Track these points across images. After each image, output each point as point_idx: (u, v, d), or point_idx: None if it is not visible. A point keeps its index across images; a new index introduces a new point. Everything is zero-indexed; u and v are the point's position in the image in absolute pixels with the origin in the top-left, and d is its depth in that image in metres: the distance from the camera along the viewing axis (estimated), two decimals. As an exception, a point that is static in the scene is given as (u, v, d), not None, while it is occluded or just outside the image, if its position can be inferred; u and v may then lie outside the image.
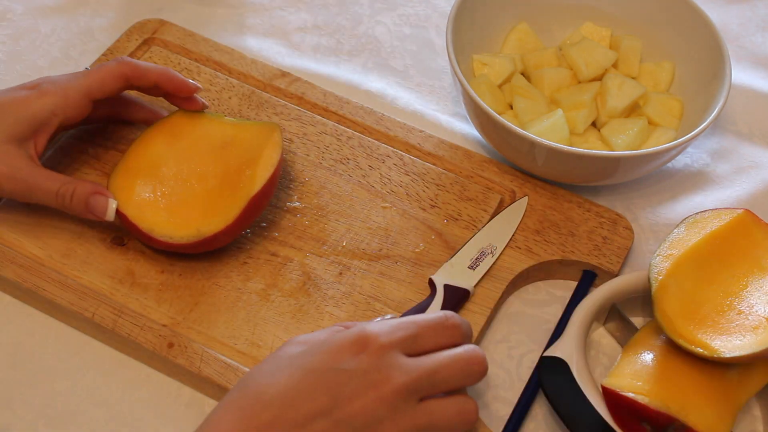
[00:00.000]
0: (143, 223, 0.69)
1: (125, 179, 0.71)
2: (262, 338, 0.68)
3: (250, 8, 0.93)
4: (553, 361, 0.66)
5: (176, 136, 0.73)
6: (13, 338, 0.69)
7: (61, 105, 0.70)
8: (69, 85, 0.70)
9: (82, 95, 0.70)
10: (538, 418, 0.69)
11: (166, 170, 0.72)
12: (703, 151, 0.85)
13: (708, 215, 0.70)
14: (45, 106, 0.69)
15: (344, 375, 0.56)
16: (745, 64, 0.92)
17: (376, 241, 0.74)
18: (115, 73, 0.71)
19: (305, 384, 0.56)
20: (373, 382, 0.56)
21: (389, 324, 0.59)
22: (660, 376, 0.64)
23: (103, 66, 0.72)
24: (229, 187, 0.71)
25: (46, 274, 0.70)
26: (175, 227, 0.69)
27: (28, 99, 0.69)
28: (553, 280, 0.76)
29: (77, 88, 0.70)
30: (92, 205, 0.68)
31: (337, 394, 0.56)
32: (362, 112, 0.82)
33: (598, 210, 0.77)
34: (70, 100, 0.70)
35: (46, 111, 0.69)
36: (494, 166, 0.79)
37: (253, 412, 0.55)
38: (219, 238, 0.69)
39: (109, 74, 0.71)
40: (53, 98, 0.69)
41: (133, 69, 0.72)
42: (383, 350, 0.57)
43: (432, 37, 0.93)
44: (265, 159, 0.71)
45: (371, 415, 0.56)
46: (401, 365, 0.57)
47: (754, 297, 0.66)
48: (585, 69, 0.82)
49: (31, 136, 0.69)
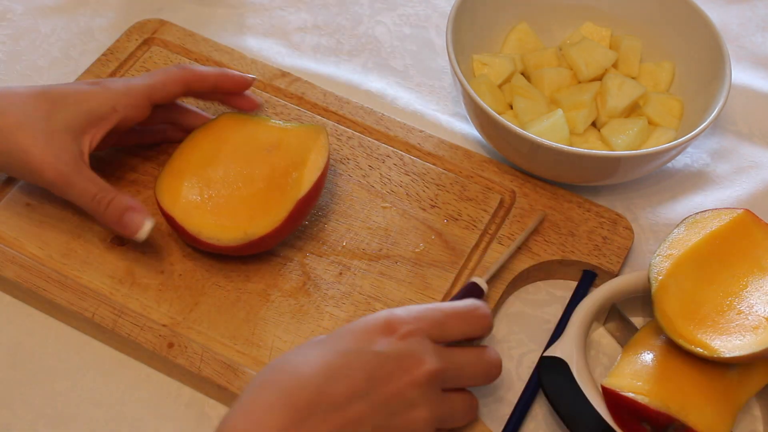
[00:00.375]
0: (190, 225, 0.69)
1: (172, 181, 0.71)
2: (262, 338, 0.68)
3: (250, 8, 0.93)
4: (553, 361, 0.66)
5: (223, 139, 0.73)
6: (13, 338, 0.69)
7: (123, 102, 0.69)
8: (131, 84, 0.70)
9: (143, 96, 0.70)
10: (538, 418, 0.69)
11: (213, 172, 0.72)
12: (703, 151, 0.85)
13: (708, 215, 0.70)
14: (106, 101, 0.69)
15: (378, 357, 0.57)
16: (745, 64, 0.92)
17: (376, 241, 0.74)
18: (177, 78, 0.72)
19: (340, 364, 0.56)
20: (406, 365, 0.57)
21: (417, 309, 0.60)
22: (660, 376, 0.64)
23: (165, 70, 0.72)
24: (277, 189, 0.71)
25: (46, 274, 0.70)
26: (222, 230, 0.69)
27: (90, 92, 0.69)
28: (553, 280, 0.76)
29: (139, 88, 0.70)
30: (126, 220, 0.67)
31: (372, 376, 0.56)
32: (362, 112, 0.82)
33: (598, 210, 0.77)
34: (131, 99, 0.70)
35: (107, 106, 0.69)
36: (494, 166, 0.79)
37: (291, 391, 0.55)
38: (266, 240, 0.69)
39: (170, 78, 0.71)
40: (115, 94, 0.69)
41: (193, 74, 0.72)
42: (412, 335, 0.58)
43: (432, 37, 0.93)
44: (312, 162, 0.71)
45: (405, 398, 0.56)
46: (432, 351, 0.58)
47: (754, 297, 0.66)
48: (585, 69, 0.82)
49: (88, 129, 0.69)
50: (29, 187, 0.74)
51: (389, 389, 0.56)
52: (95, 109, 0.69)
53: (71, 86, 0.70)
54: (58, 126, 0.67)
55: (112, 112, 0.69)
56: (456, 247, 0.74)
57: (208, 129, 0.74)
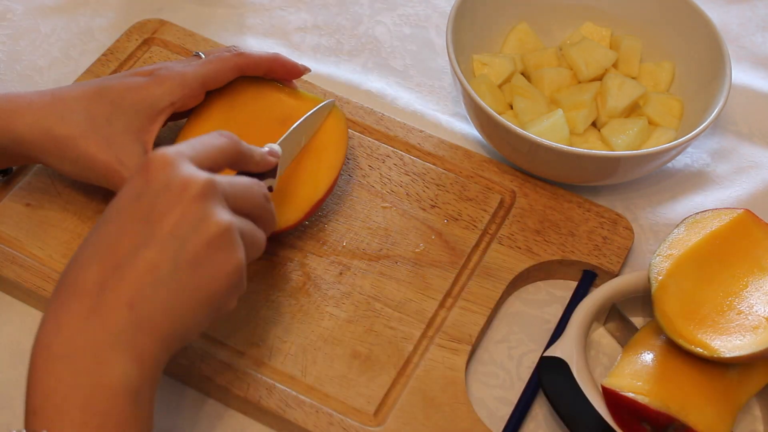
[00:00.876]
0: None
1: None
2: (262, 338, 0.68)
3: (250, 8, 0.93)
4: (553, 361, 0.66)
5: (235, 108, 0.72)
6: (13, 338, 0.69)
7: (179, 94, 0.69)
8: (186, 72, 0.69)
9: (199, 84, 0.70)
10: (538, 418, 0.69)
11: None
12: (703, 151, 0.85)
13: (708, 215, 0.70)
14: (164, 95, 0.68)
15: (143, 197, 0.53)
16: (745, 64, 0.92)
17: (376, 241, 0.74)
18: (231, 65, 0.71)
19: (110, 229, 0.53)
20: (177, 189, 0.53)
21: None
22: (660, 376, 0.64)
23: (219, 57, 0.71)
24: (290, 181, 0.70)
25: (46, 274, 0.70)
26: None
27: (147, 87, 0.68)
28: (553, 280, 0.76)
29: (195, 76, 0.69)
30: None
31: (146, 218, 0.53)
32: (362, 112, 0.82)
33: (598, 210, 0.77)
34: (187, 89, 0.69)
35: (165, 100, 0.68)
36: (494, 166, 0.79)
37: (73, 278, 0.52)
38: (284, 231, 0.70)
39: (226, 65, 0.71)
40: (172, 86, 0.68)
41: (247, 60, 0.71)
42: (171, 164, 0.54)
43: (432, 37, 0.93)
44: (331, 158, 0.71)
45: (191, 217, 0.53)
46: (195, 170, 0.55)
47: (754, 297, 0.66)
48: (585, 69, 0.82)
49: (148, 127, 0.68)
50: (29, 186, 0.74)
51: (169, 220, 0.53)
52: (153, 105, 0.68)
53: (126, 82, 0.69)
54: (120, 129, 0.67)
55: (170, 105, 0.69)
56: (456, 247, 0.74)
57: (219, 97, 0.73)
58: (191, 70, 0.70)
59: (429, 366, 0.68)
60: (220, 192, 0.55)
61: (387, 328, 0.69)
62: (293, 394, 0.65)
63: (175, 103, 0.69)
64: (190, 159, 0.56)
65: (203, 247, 0.53)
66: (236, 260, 0.55)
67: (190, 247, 0.53)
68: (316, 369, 0.67)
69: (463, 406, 0.66)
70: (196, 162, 0.56)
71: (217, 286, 0.54)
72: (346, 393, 0.66)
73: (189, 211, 0.53)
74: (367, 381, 0.67)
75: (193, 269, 0.53)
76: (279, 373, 0.67)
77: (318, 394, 0.66)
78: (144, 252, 0.52)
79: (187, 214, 0.53)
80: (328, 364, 0.67)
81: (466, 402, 0.66)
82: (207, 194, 0.54)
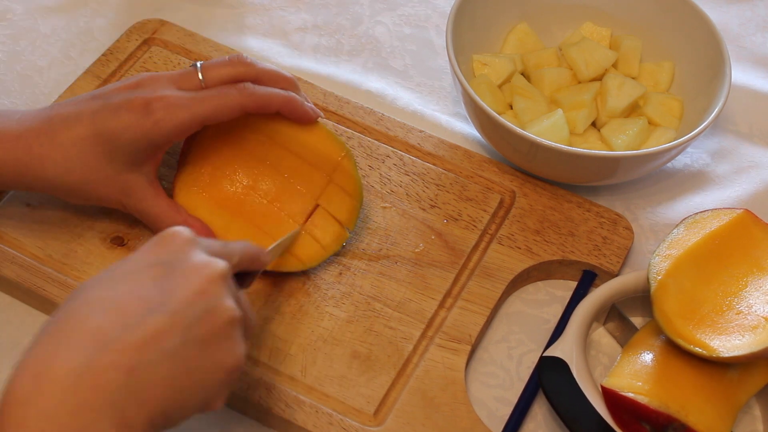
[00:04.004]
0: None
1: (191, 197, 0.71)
2: (262, 338, 0.68)
3: (250, 8, 0.93)
4: (553, 361, 0.66)
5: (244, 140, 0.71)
6: (13, 338, 0.69)
7: (176, 132, 0.66)
8: (182, 106, 0.65)
9: (197, 123, 0.66)
10: (538, 418, 0.69)
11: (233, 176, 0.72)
12: (703, 151, 0.85)
13: (708, 215, 0.70)
14: (161, 133, 0.65)
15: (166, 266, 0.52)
16: (745, 64, 0.92)
17: (376, 241, 0.74)
18: (235, 106, 0.66)
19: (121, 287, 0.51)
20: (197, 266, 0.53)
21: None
22: (660, 376, 0.64)
23: (224, 94, 0.66)
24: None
25: (46, 274, 0.70)
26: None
27: (142, 125, 0.65)
28: (553, 280, 0.76)
29: (191, 114, 0.66)
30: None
31: (163, 285, 0.51)
32: (362, 112, 0.82)
33: (598, 210, 0.77)
34: (185, 128, 0.66)
35: (162, 138, 0.66)
36: (494, 166, 0.79)
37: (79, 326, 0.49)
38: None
39: (226, 105, 0.66)
40: (168, 125, 0.65)
41: (255, 102, 0.67)
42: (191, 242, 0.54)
43: (432, 37, 0.93)
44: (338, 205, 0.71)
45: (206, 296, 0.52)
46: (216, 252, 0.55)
47: (754, 297, 0.66)
48: (585, 69, 0.82)
49: (147, 161, 0.67)
50: (29, 187, 0.74)
51: (185, 291, 0.51)
52: (151, 143, 0.66)
53: (122, 122, 0.65)
54: (122, 166, 0.67)
55: (167, 142, 0.67)
56: (456, 247, 0.74)
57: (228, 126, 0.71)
58: (189, 107, 0.66)
59: (429, 366, 0.68)
60: (234, 287, 0.55)
61: (387, 328, 0.69)
62: (293, 394, 0.65)
63: (172, 140, 0.67)
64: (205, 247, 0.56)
65: (214, 330, 0.52)
66: (240, 355, 0.54)
67: (203, 325, 0.51)
68: (316, 369, 0.67)
69: (463, 406, 0.66)
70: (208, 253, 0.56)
71: (217, 376, 0.53)
72: (346, 393, 0.66)
73: (207, 290, 0.52)
74: (366, 381, 0.67)
75: (200, 349, 0.51)
76: (279, 373, 0.67)
77: (318, 394, 0.66)
78: (154, 318, 0.50)
79: (205, 292, 0.52)
80: (328, 364, 0.67)
81: (465, 402, 0.66)
82: (225, 280, 0.54)
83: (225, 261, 0.55)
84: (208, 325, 0.52)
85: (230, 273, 0.55)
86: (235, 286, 0.56)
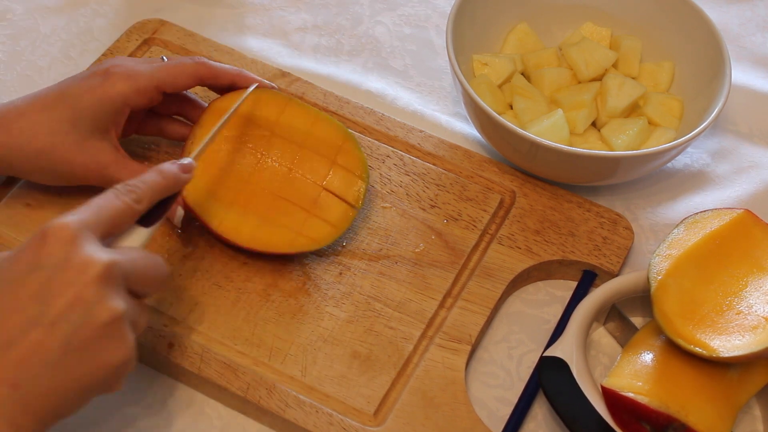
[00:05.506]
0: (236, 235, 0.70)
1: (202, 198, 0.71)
2: (262, 338, 0.68)
3: (250, 8, 0.93)
4: (553, 361, 0.66)
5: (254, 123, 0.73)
6: (12, 338, 0.69)
7: (132, 92, 0.69)
8: (140, 73, 0.70)
9: (153, 85, 0.70)
10: (538, 418, 0.69)
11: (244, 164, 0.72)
12: (703, 151, 0.85)
13: (708, 215, 0.70)
14: (118, 96, 0.69)
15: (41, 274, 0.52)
16: (745, 64, 0.92)
17: (376, 241, 0.74)
18: (189, 71, 0.71)
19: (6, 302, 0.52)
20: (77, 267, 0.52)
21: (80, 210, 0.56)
22: (660, 376, 0.64)
23: (178, 62, 0.72)
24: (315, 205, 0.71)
25: (46, 274, 0.70)
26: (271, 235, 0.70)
27: (101, 87, 0.69)
28: (553, 280, 0.76)
29: (148, 77, 0.70)
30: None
31: (38, 295, 0.51)
32: (362, 112, 0.82)
33: (598, 210, 0.77)
34: (141, 88, 0.69)
35: (119, 102, 0.69)
36: (494, 166, 0.79)
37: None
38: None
39: (182, 71, 0.71)
40: (124, 85, 0.69)
41: (208, 70, 0.72)
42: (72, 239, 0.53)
43: (432, 37, 0.93)
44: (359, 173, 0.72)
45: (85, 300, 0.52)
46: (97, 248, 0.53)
47: (754, 297, 0.66)
48: (585, 69, 0.82)
49: (110, 126, 0.70)
50: (29, 186, 0.74)
51: (63, 300, 0.51)
52: (110, 105, 0.69)
53: (82, 85, 0.69)
54: (87, 130, 0.68)
55: (124, 106, 0.69)
56: (456, 247, 0.74)
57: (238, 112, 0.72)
58: (146, 72, 0.70)
59: (429, 366, 0.68)
60: (119, 275, 0.54)
61: (387, 328, 0.69)
62: (293, 394, 0.65)
63: (129, 102, 0.69)
64: (94, 230, 0.54)
65: (94, 334, 0.52)
66: (125, 350, 0.54)
67: (81, 333, 0.51)
68: (316, 369, 0.67)
69: (463, 406, 0.66)
70: (99, 232, 0.55)
71: (103, 375, 0.53)
72: (346, 393, 0.66)
73: (84, 293, 0.52)
74: (367, 381, 0.67)
75: (81, 355, 0.52)
76: (279, 373, 0.67)
77: (318, 394, 0.66)
78: (33, 332, 0.51)
79: (82, 296, 0.52)
80: (328, 364, 0.67)
81: (466, 402, 0.66)
82: (106, 277, 0.53)
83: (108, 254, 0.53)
84: (88, 331, 0.52)
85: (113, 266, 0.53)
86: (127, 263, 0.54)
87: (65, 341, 0.51)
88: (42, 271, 0.52)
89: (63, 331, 0.51)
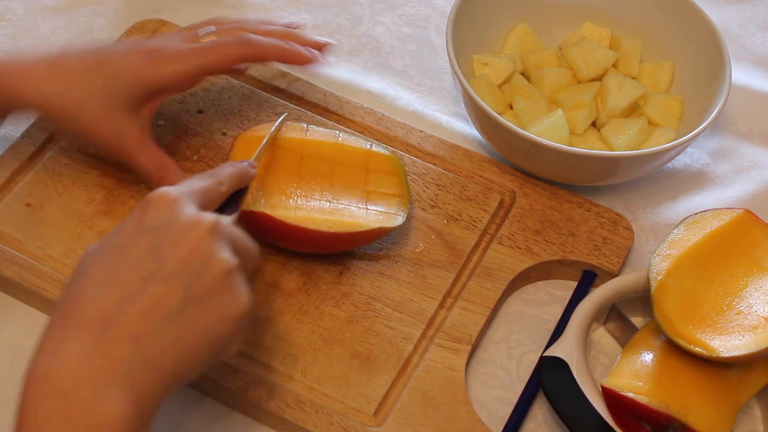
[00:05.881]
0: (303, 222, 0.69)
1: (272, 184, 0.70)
2: (262, 338, 0.68)
3: (250, 8, 0.93)
4: (553, 361, 0.66)
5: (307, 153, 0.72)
6: (13, 338, 0.69)
7: (177, 79, 0.69)
8: (185, 55, 0.69)
9: (199, 71, 0.70)
10: (538, 418, 0.69)
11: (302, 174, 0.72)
12: (703, 151, 0.85)
13: (708, 215, 0.70)
14: (162, 79, 0.69)
15: (153, 232, 0.53)
16: (745, 64, 0.92)
17: (376, 241, 0.74)
18: (234, 55, 0.70)
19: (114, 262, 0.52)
20: (186, 225, 0.53)
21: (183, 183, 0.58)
22: (660, 376, 0.64)
23: (225, 45, 0.70)
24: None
25: (46, 274, 0.70)
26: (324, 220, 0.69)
27: (147, 68, 0.68)
28: (553, 280, 0.76)
29: (196, 63, 0.69)
30: None
31: (154, 252, 0.52)
32: (362, 112, 0.82)
33: (598, 210, 0.77)
34: (188, 76, 0.69)
35: (162, 84, 0.69)
36: (494, 166, 0.79)
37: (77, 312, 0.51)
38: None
39: (227, 54, 0.70)
40: (172, 69, 0.68)
41: (254, 52, 0.71)
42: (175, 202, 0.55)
43: (432, 37, 0.93)
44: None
45: (200, 253, 0.53)
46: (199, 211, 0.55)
47: (754, 297, 0.66)
48: (585, 69, 0.82)
49: (145, 104, 0.69)
50: (29, 186, 0.74)
51: (178, 254, 0.52)
52: (151, 87, 0.69)
53: (127, 59, 0.69)
54: (119, 103, 0.68)
55: (167, 89, 0.69)
56: (456, 247, 0.74)
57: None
58: (193, 58, 0.69)
59: (429, 366, 0.68)
60: (226, 233, 0.55)
61: (387, 328, 0.69)
62: (293, 394, 0.65)
63: (173, 87, 0.70)
64: (191, 198, 0.56)
65: (213, 285, 0.53)
66: (243, 302, 0.55)
67: (200, 284, 0.52)
68: (316, 369, 0.67)
69: (463, 406, 0.66)
70: (194, 202, 0.56)
71: (224, 328, 0.54)
72: (346, 393, 0.66)
73: (198, 247, 0.53)
74: (367, 381, 0.67)
75: (201, 307, 0.52)
76: (279, 373, 0.67)
77: (318, 394, 0.66)
78: (152, 286, 0.51)
79: (196, 250, 0.53)
80: (328, 364, 0.67)
81: (466, 402, 0.66)
82: (215, 233, 0.54)
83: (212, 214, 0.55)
84: (205, 283, 0.53)
85: (220, 224, 0.55)
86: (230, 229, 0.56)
87: (185, 292, 0.52)
88: (150, 233, 0.53)
89: (183, 283, 0.52)
